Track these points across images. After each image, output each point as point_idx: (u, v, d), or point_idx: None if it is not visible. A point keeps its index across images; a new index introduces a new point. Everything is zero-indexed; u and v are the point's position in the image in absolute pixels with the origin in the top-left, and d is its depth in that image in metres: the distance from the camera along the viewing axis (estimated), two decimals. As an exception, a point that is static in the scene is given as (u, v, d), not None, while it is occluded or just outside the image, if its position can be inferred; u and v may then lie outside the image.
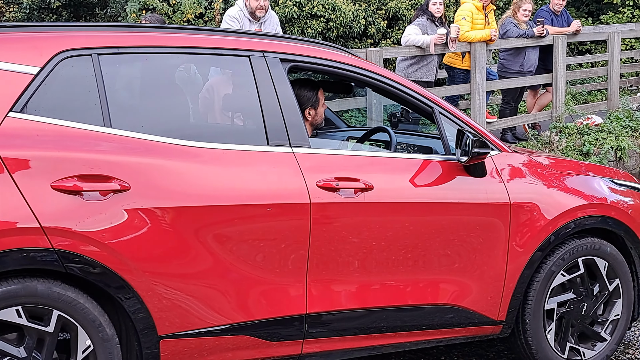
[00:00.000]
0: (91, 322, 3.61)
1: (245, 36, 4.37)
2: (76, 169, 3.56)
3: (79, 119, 3.68)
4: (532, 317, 4.75)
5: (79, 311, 3.58)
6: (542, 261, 4.73)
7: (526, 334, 4.78)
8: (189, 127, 4.17)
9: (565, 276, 4.82)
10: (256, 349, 4.03)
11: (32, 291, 3.48)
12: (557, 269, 4.76)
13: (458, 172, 4.50)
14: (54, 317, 3.54)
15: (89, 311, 3.61)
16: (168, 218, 3.73)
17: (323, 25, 12.31)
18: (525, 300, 4.73)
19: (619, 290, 5.03)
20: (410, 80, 4.78)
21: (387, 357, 5.22)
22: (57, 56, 3.71)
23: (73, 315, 3.57)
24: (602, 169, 5.39)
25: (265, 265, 3.96)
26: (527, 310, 4.74)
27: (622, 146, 10.80)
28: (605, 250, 4.92)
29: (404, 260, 4.33)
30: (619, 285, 5.02)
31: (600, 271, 4.94)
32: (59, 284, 3.56)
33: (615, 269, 4.98)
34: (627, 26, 15.97)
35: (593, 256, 4.88)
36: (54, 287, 3.54)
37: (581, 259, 4.85)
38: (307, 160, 4.11)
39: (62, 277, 3.59)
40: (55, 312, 3.54)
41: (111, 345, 3.68)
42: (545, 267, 4.73)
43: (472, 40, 9.84)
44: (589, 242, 4.86)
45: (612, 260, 4.96)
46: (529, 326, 4.76)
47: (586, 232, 4.91)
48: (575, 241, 4.83)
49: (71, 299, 3.56)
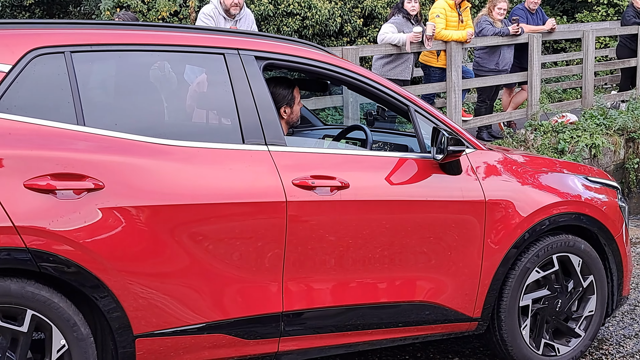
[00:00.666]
0: (65, 321, 3.59)
1: (220, 34, 4.36)
2: (49, 168, 3.53)
3: (52, 118, 3.65)
4: (507, 314, 4.77)
5: (53, 310, 3.55)
6: (517, 258, 4.75)
7: (501, 330, 4.80)
8: (163, 125, 4.14)
9: (540, 273, 4.84)
10: (233, 348, 4.02)
11: (5, 291, 3.45)
12: (531, 265, 4.78)
13: (433, 170, 4.50)
14: (27, 316, 3.51)
15: (64, 310, 3.58)
16: (143, 217, 3.71)
17: (299, 23, 12.30)
18: (501, 297, 4.75)
19: (593, 287, 5.06)
20: (387, 79, 4.78)
21: (364, 354, 5.23)
22: (29, 54, 3.68)
23: (47, 314, 3.54)
24: (577, 167, 5.43)
25: (241, 264, 3.95)
26: (502, 307, 4.76)
27: (597, 144, 10.89)
28: (580, 247, 4.95)
29: (380, 258, 4.33)
30: (593, 281, 5.05)
31: (575, 268, 4.97)
32: (32, 283, 3.53)
33: (589, 265, 5.01)
34: (602, 24, 16.11)
35: (567, 253, 4.91)
36: (27, 286, 3.51)
37: (555, 255, 4.87)
38: (283, 159, 4.10)
39: (36, 276, 3.56)
40: (29, 312, 3.51)
41: (86, 344, 3.65)
42: (520, 264, 4.75)
43: (449, 39, 9.87)
44: (563, 239, 4.88)
45: (586, 257, 4.99)
46: (504, 323, 4.78)
47: (561, 229, 4.94)
48: (549, 238, 4.85)
49: (45, 299, 3.53)
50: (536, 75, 11.07)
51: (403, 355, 5.26)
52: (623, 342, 5.58)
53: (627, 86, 13.40)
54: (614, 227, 5.07)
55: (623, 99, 12.94)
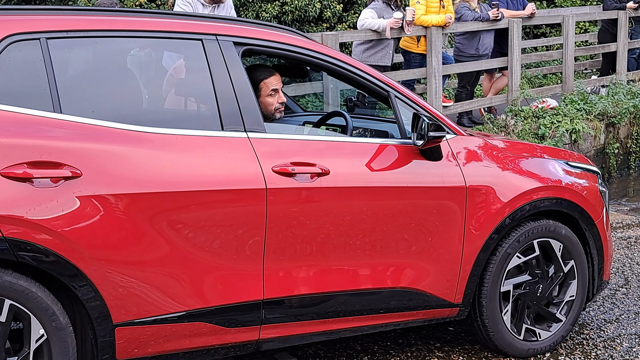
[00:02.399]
0: (44, 311, 3.56)
1: (198, 19, 4.31)
2: (26, 156, 3.49)
3: (28, 105, 3.61)
4: (488, 299, 4.77)
5: (31, 300, 3.52)
6: (498, 243, 4.76)
7: (482, 316, 4.81)
8: (141, 112, 4.10)
9: (520, 258, 4.85)
10: (213, 336, 4.00)
11: None
12: (512, 251, 4.79)
13: (414, 156, 4.49)
14: (5, 306, 3.48)
15: (42, 300, 3.55)
16: (121, 205, 3.67)
17: (278, 9, 12.22)
18: (482, 283, 4.76)
19: (574, 272, 5.07)
20: (367, 65, 4.76)
21: (345, 341, 5.23)
22: (3, 40, 3.63)
23: (25, 304, 3.51)
24: (557, 152, 5.43)
25: (221, 252, 3.93)
26: (483, 293, 4.77)
27: (577, 129, 10.92)
28: (560, 232, 4.95)
29: (361, 244, 4.32)
30: (574, 266, 5.06)
31: (555, 253, 4.98)
32: (10, 272, 3.50)
33: (570, 250, 5.02)
34: (582, 9, 16.11)
35: (548, 238, 4.91)
36: (5, 275, 3.48)
37: (536, 241, 4.88)
38: (262, 145, 4.08)
39: (13, 265, 3.53)
40: (7, 302, 3.47)
41: (65, 334, 3.62)
42: (501, 250, 4.76)
43: (428, 24, 9.84)
44: (544, 224, 4.89)
45: (567, 242, 5.00)
46: (485, 308, 4.79)
47: (541, 214, 4.94)
48: (530, 223, 4.85)
49: (23, 288, 3.50)
50: (516, 61, 11.07)
51: (385, 342, 5.27)
52: (604, 326, 5.61)
53: (608, 71, 13.44)
54: (595, 211, 5.09)
55: (603, 84, 12.98)
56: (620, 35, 13.07)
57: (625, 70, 13.23)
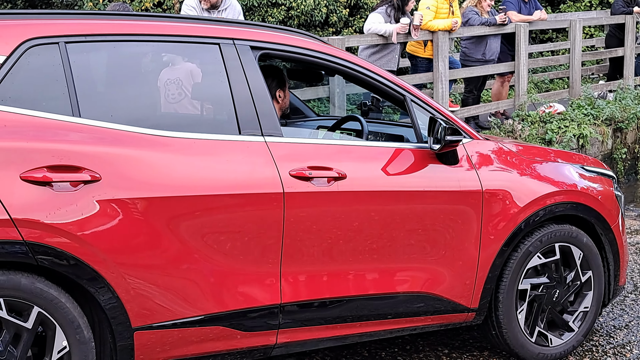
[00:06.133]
0: (70, 322, 3.56)
1: (215, 23, 4.32)
2: (45, 160, 3.49)
3: (47, 109, 3.61)
4: (505, 295, 4.75)
5: (59, 310, 3.52)
6: (520, 240, 4.74)
7: (498, 311, 4.78)
8: (159, 116, 4.10)
9: (541, 259, 4.84)
10: (231, 340, 3.99)
11: (15, 284, 3.43)
12: (534, 250, 4.78)
13: (430, 160, 4.49)
14: (33, 313, 3.48)
15: (69, 311, 3.55)
16: (140, 209, 3.67)
17: (284, 13, 12.22)
18: (500, 278, 4.74)
19: (591, 283, 5.06)
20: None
21: (352, 346, 5.21)
22: (23, 44, 3.63)
23: (53, 313, 3.52)
24: (571, 156, 5.42)
25: (239, 256, 3.92)
26: (501, 288, 4.74)
27: (584, 134, 10.91)
28: (582, 240, 4.95)
29: (377, 249, 4.31)
30: (592, 278, 5.05)
31: (575, 260, 4.97)
32: (42, 280, 3.51)
33: (589, 260, 5.01)
34: (589, 14, 16.11)
35: (570, 244, 4.91)
36: (37, 282, 3.48)
37: (558, 244, 4.87)
38: (279, 149, 4.07)
39: (45, 273, 3.54)
40: (35, 309, 3.48)
41: (87, 348, 3.62)
42: (523, 247, 4.75)
43: (435, 29, 9.84)
44: (567, 229, 4.88)
45: (588, 251, 4.99)
46: (501, 303, 4.76)
47: (561, 219, 4.93)
48: (554, 225, 4.85)
49: (53, 297, 3.51)
50: (523, 65, 11.07)
51: (392, 348, 5.24)
52: (613, 333, 5.58)
53: (615, 76, 13.43)
54: (611, 216, 5.08)
55: (610, 89, 12.97)
56: (628, 39, 13.07)
57: (632, 75, 13.23)
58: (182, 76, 5.47)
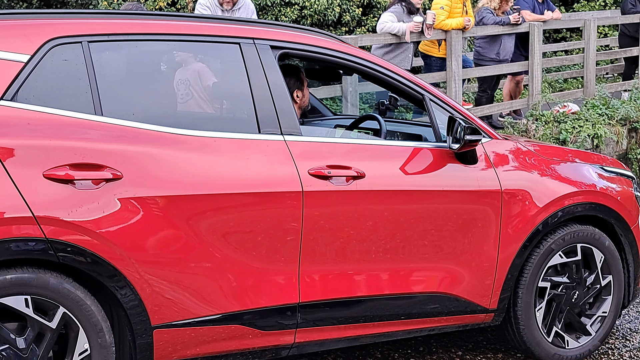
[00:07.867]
0: (93, 325, 3.58)
1: (235, 23, 4.33)
2: (68, 158, 3.51)
3: (70, 107, 3.63)
4: (524, 291, 4.74)
5: (83, 312, 3.54)
6: (543, 238, 4.73)
7: (517, 307, 4.76)
8: (180, 115, 4.11)
9: (562, 258, 4.83)
10: (250, 339, 4.00)
11: (44, 283, 3.45)
12: (556, 247, 4.77)
13: (449, 159, 4.48)
14: (58, 313, 3.50)
15: (93, 314, 3.57)
16: (160, 207, 3.68)
17: (297, 12, 12.23)
18: (521, 274, 4.73)
19: (611, 288, 5.04)
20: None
21: (365, 347, 5.19)
22: (47, 44, 3.66)
23: (77, 315, 3.54)
24: (590, 156, 5.40)
25: (258, 254, 3.93)
26: (521, 284, 4.73)
27: (599, 134, 10.84)
28: (604, 243, 4.93)
29: (396, 248, 4.31)
30: (612, 282, 5.03)
31: (596, 263, 4.95)
32: (70, 281, 3.53)
33: (610, 264, 4.99)
34: (603, 13, 16.05)
35: (592, 245, 4.89)
36: (65, 283, 3.51)
37: (580, 245, 4.86)
38: (298, 148, 4.08)
39: (74, 274, 3.56)
40: (60, 309, 3.50)
41: (108, 353, 3.63)
42: (545, 244, 4.74)
43: (448, 28, 9.82)
44: (590, 230, 4.87)
45: (609, 255, 4.98)
46: (520, 299, 4.75)
47: (582, 219, 4.91)
48: (576, 225, 4.84)
49: (79, 299, 3.53)
50: (537, 65, 11.03)
51: (405, 349, 5.23)
52: (629, 336, 5.57)
53: (631, 75, 13.37)
54: (630, 217, 5.06)
55: (626, 88, 12.91)
56: (641, 38, 13.02)
57: (648, 74, 13.17)
58: (190, 77, 5.50)
